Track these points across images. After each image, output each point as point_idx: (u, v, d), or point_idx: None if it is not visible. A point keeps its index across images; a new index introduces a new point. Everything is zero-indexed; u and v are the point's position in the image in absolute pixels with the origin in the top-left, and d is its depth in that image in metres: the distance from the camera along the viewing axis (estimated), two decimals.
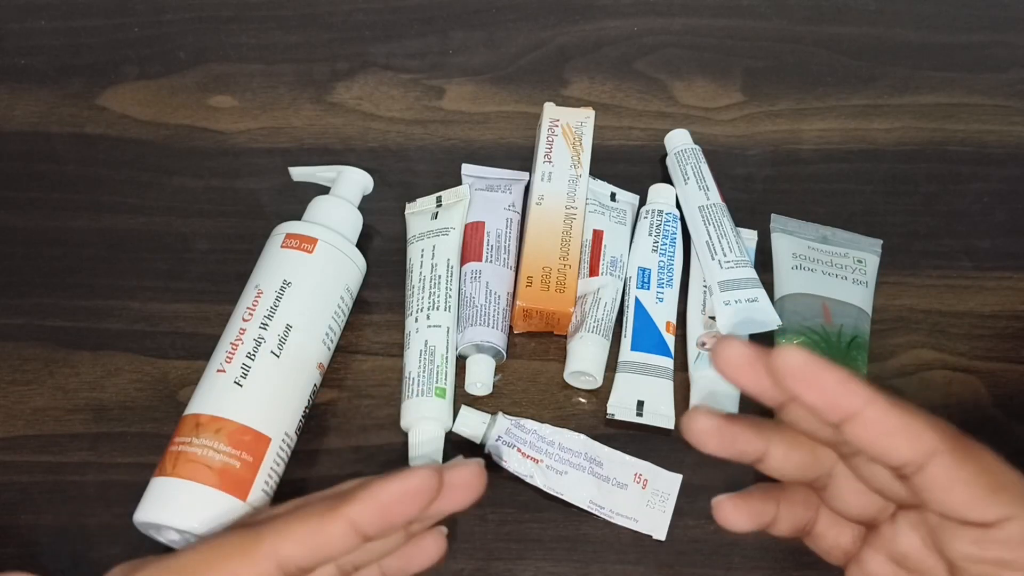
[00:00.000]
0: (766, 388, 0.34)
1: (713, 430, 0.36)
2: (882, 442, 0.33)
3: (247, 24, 0.69)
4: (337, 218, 0.56)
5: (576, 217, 0.58)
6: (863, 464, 0.36)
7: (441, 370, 0.54)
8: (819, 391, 0.33)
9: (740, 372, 0.34)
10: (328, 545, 0.36)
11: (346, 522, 0.36)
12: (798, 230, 0.60)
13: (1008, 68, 0.69)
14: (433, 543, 0.42)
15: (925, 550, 0.37)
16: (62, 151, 0.64)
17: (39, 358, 0.57)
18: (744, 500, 0.38)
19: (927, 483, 0.34)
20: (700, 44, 0.69)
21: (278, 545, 0.36)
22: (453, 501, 0.38)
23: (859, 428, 0.33)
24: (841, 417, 0.33)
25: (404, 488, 0.36)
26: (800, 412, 0.35)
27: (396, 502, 0.36)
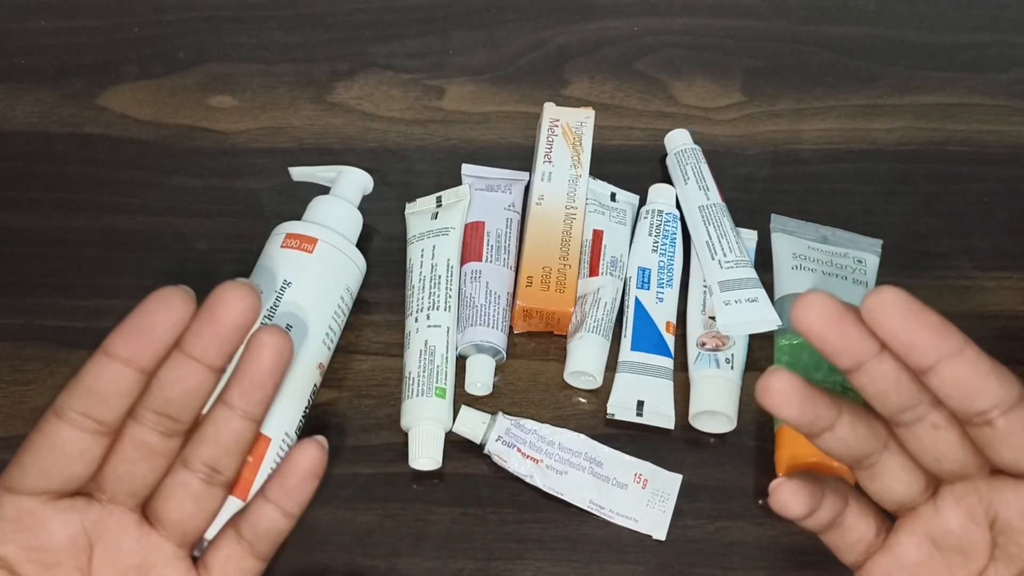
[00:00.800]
0: (850, 345, 0.33)
1: (796, 392, 0.34)
2: (978, 383, 0.33)
3: (247, 24, 0.69)
4: (337, 218, 0.56)
5: (576, 217, 0.58)
6: (924, 432, 0.35)
7: (441, 370, 0.54)
8: (920, 330, 0.32)
9: (827, 326, 0.33)
10: (89, 378, 0.35)
11: (100, 352, 0.35)
12: (798, 230, 0.60)
13: (1008, 68, 0.69)
14: (304, 449, 0.39)
15: (971, 523, 0.37)
16: (62, 151, 0.64)
17: (39, 358, 0.57)
18: (801, 484, 0.37)
19: (1010, 429, 0.34)
20: (700, 44, 0.69)
21: (54, 400, 0.37)
22: (218, 320, 0.35)
23: (955, 368, 0.33)
24: (938, 358, 0.32)
25: (148, 301, 0.35)
26: (878, 371, 0.34)
27: (138, 315, 0.35)
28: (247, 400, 0.37)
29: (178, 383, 0.36)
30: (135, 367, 0.35)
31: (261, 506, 0.39)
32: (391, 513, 0.53)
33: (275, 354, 0.36)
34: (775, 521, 0.53)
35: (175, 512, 0.39)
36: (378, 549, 0.52)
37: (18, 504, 0.36)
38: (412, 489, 0.53)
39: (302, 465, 0.39)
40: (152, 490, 0.39)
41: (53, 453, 0.36)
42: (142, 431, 0.37)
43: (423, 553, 0.52)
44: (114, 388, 0.35)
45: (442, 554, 0.52)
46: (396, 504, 0.53)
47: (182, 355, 0.36)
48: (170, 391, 0.36)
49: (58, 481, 0.36)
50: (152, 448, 0.37)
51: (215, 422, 0.38)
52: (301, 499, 0.39)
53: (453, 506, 0.53)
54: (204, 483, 0.39)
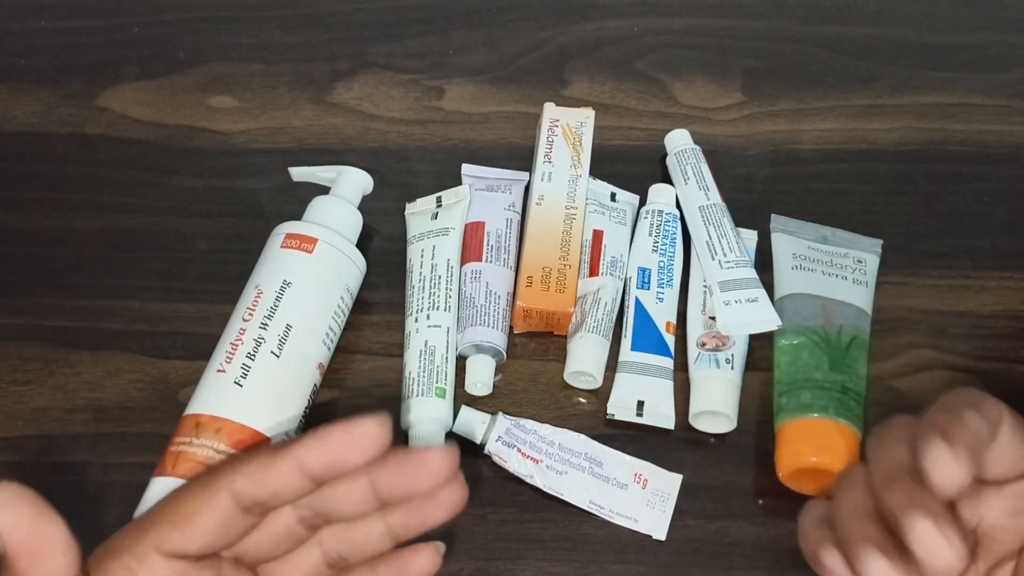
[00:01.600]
0: None
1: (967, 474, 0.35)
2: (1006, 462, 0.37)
3: (247, 24, 0.69)
4: (337, 218, 0.56)
5: (576, 217, 0.58)
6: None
7: (441, 370, 0.54)
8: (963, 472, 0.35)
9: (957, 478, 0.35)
10: (274, 478, 0.37)
11: (292, 458, 0.37)
12: (798, 230, 0.60)
13: (1008, 68, 0.68)
14: (426, 554, 0.42)
15: None
16: (62, 151, 0.64)
17: (39, 358, 0.57)
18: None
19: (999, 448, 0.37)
20: (700, 44, 0.69)
21: (231, 478, 0.38)
22: (418, 480, 0.38)
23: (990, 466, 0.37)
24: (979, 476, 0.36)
25: (348, 430, 0.37)
26: None
27: (339, 442, 0.36)
28: (406, 532, 0.40)
29: (350, 504, 0.39)
30: (319, 483, 0.37)
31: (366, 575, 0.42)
32: None
33: (451, 510, 0.40)
34: (775, 521, 0.53)
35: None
36: None
37: (169, 567, 0.37)
38: None
39: (420, 569, 0.42)
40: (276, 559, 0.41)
41: (221, 528, 0.38)
42: (295, 521, 0.39)
43: None
44: (294, 495, 0.38)
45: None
46: None
47: (365, 481, 0.38)
48: (337, 505, 0.39)
49: (213, 550, 0.38)
50: (294, 534, 0.40)
51: (367, 530, 0.40)
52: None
53: None
54: (328, 566, 0.41)
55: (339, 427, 0.37)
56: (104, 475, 0.53)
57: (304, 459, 0.37)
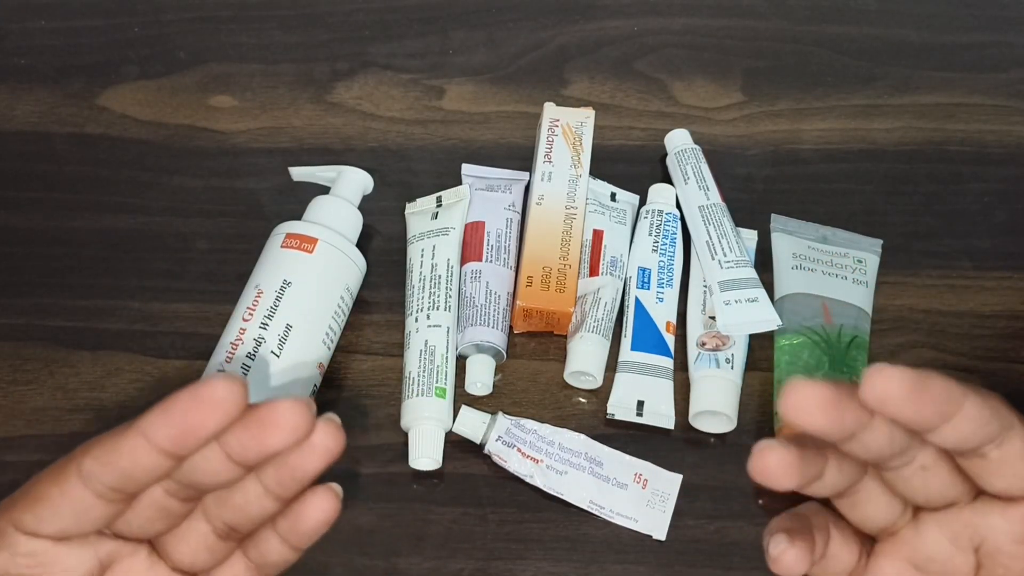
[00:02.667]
0: (846, 426, 0.33)
1: (791, 463, 0.34)
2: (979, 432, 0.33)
3: (247, 24, 0.69)
4: (337, 218, 0.56)
5: (576, 217, 0.58)
6: (912, 474, 0.35)
7: (441, 370, 0.54)
8: (928, 404, 0.32)
9: (825, 418, 0.32)
10: (122, 457, 0.35)
11: (137, 433, 0.34)
12: (798, 230, 0.60)
13: (1008, 68, 0.68)
14: (320, 497, 0.38)
15: (954, 548, 0.37)
16: (62, 151, 0.64)
17: (39, 358, 0.57)
18: (802, 544, 0.37)
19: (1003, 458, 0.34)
20: (700, 44, 0.69)
21: (81, 460, 0.36)
22: (264, 440, 0.34)
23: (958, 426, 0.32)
24: (943, 421, 0.32)
25: (192, 395, 0.33)
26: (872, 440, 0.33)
27: (184, 410, 0.33)
28: (283, 488, 0.37)
29: (210, 474, 0.36)
30: (172, 457, 0.35)
31: (271, 537, 0.40)
32: (391, 513, 0.53)
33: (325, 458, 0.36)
34: None
35: (188, 556, 0.39)
36: (377, 549, 0.52)
37: (31, 544, 0.37)
38: (412, 489, 0.53)
39: (315, 515, 0.39)
40: (162, 534, 0.39)
41: (74, 514, 0.36)
42: (163, 496, 0.37)
43: (423, 553, 0.52)
44: (146, 473, 0.35)
45: (442, 554, 0.52)
46: (396, 504, 0.53)
47: (221, 452, 0.35)
48: (199, 476, 0.36)
49: (73, 534, 0.37)
50: (169, 511, 0.38)
51: (245, 494, 0.38)
52: (311, 540, 0.40)
53: (453, 506, 0.53)
54: (219, 538, 0.39)
55: (184, 393, 0.33)
56: None
57: (149, 433, 0.34)
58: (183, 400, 0.33)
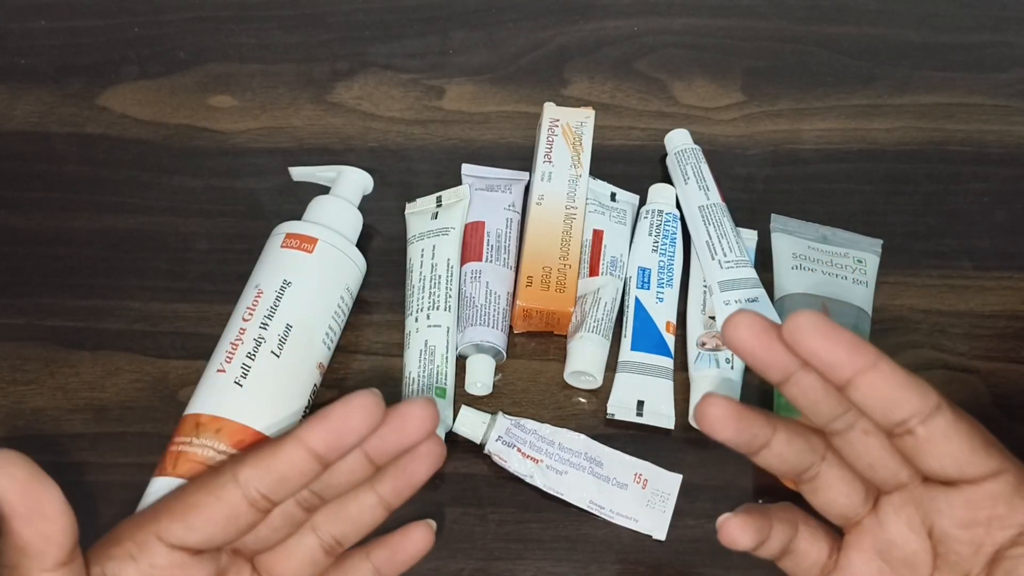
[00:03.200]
0: (776, 359, 0.35)
1: (731, 416, 0.36)
2: (894, 394, 0.34)
3: (247, 24, 0.69)
4: (337, 218, 0.56)
5: (576, 217, 0.58)
6: (856, 439, 0.37)
7: (441, 370, 0.54)
8: (834, 347, 0.34)
9: (754, 343, 0.35)
10: (280, 463, 0.37)
11: (296, 440, 0.37)
12: (798, 230, 0.60)
13: (1008, 68, 0.69)
14: (419, 532, 0.43)
15: (911, 533, 0.38)
16: (62, 151, 0.64)
17: (39, 358, 0.57)
18: (748, 517, 0.39)
19: (929, 436, 0.35)
20: (700, 44, 0.69)
21: (237, 469, 0.38)
22: (404, 433, 0.38)
23: (871, 382, 0.34)
24: (853, 373, 0.34)
25: (346, 404, 0.37)
26: (806, 383, 0.36)
27: (340, 417, 0.37)
28: (397, 497, 0.41)
29: (347, 475, 0.39)
30: (323, 462, 0.38)
31: (362, 565, 0.43)
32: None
33: (436, 464, 0.40)
34: None
35: (292, 570, 0.41)
36: None
37: (170, 556, 0.38)
38: None
39: (415, 547, 0.43)
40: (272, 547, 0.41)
41: (225, 522, 0.38)
42: (292, 504, 0.40)
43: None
44: (300, 478, 0.38)
45: (442, 554, 0.52)
46: None
47: (359, 451, 0.39)
48: (336, 480, 0.39)
49: (217, 544, 0.39)
50: (294, 519, 0.40)
51: (359, 503, 0.41)
52: (403, 572, 0.43)
53: (453, 506, 0.53)
54: (325, 552, 0.41)
55: (337, 404, 0.37)
56: (104, 475, 0.53)
57: (308, 440, 0.37)
58: (337, 409, 0.37)
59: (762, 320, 0.35)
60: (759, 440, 0.37)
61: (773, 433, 0.38)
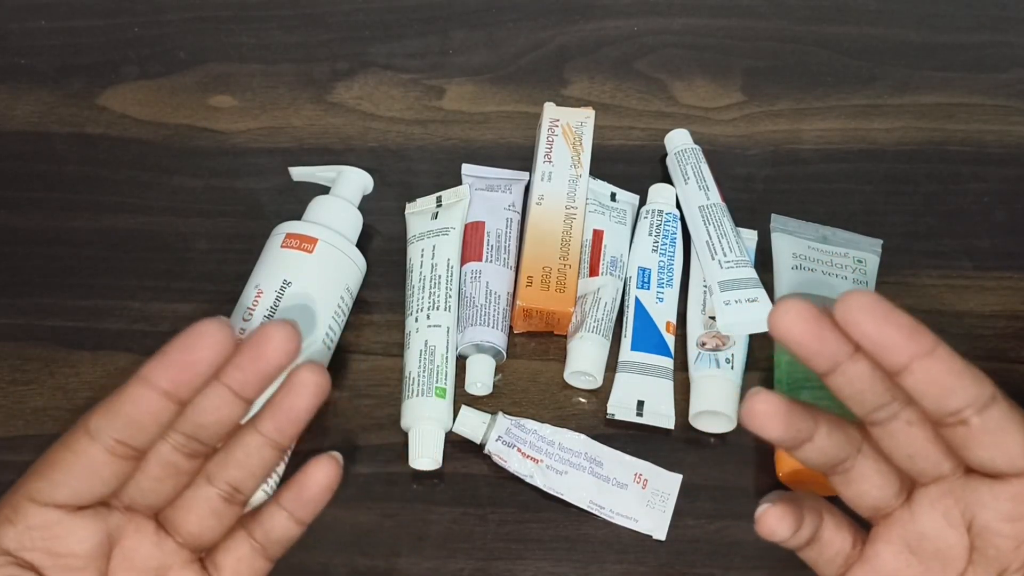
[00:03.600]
0: (827, 349, 0.34)
1: (781, 413, 0.35)
2: (951, 382, 0.33)
3: (247, 24, 0.69)
4: (337, 218, 0.56)
5: (576, 217, 0.58)
6: (898, 430, 0.36)
7: (441, 370, 0.54)
8: (892, 331, 0.33)
9: (805, 331, 0.33)
10: (127, 407, 0.36)
11: (139, 380, 0.36)
12: (798, 230, 0.60)
13: (1008, 68, 0.69)
14: (320, 465, 0.40)
15: (947, 526, 0.37)
16: (62, 151, 0.64)
17: (39, 358, 0.57)
18: (785, 507, 0.38)
19: (984, 427, 0.34)
20: (700, 44, 0.69)
21: (87, 419, 0.37)
22: (263, 358, 0.36)
23: (928, 368, 0.33)
24: (910, 358, 0.33)
25: (188, 334, 0.36)
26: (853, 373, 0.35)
27: (181, 349, 0.36)
28: (281, 433, 0.39)
29: (213, 412, 0.37)
30: (174, 399, 0.36)
31: (275, 513, 0.41)
32: (391, 513, 0.53)
33: (315, 394, 0.38)
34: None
35: (195, 525, 0.40)
36: (378, 549, 0.52)
37: (44, 515, 0.37)
38: (412, 489, 0.53)
39: (318, 481, 0.40)
40: (170, 502, 0.40)
41: (85, 473, 0.37)
42: (169, 452, 0.38)
43: (423, 553, 0.52)
44: (152, 419, 0.36)
45: (442, 554, 0.52)
46: (396, 504, 0.53)
47: (220, 386, 0.37)
48: (204, 418, 0.38)
49: (87, 498, 0.38)
50: (177, 468, 0.39)
51: (245, 447, 0.39)
52: (315, 510, 0.41)
53: (453, 506, 0.53)
54: (225, 501, 0.40)
55: (179, 335, 0.36)
56: None
57: (151, 378, 0.36)
58: (177, 342, 0.36)
59: (812, 307, 0.34)
60: (803, 435, 0.36)
61: (816, 427, 0.36)
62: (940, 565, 0.37)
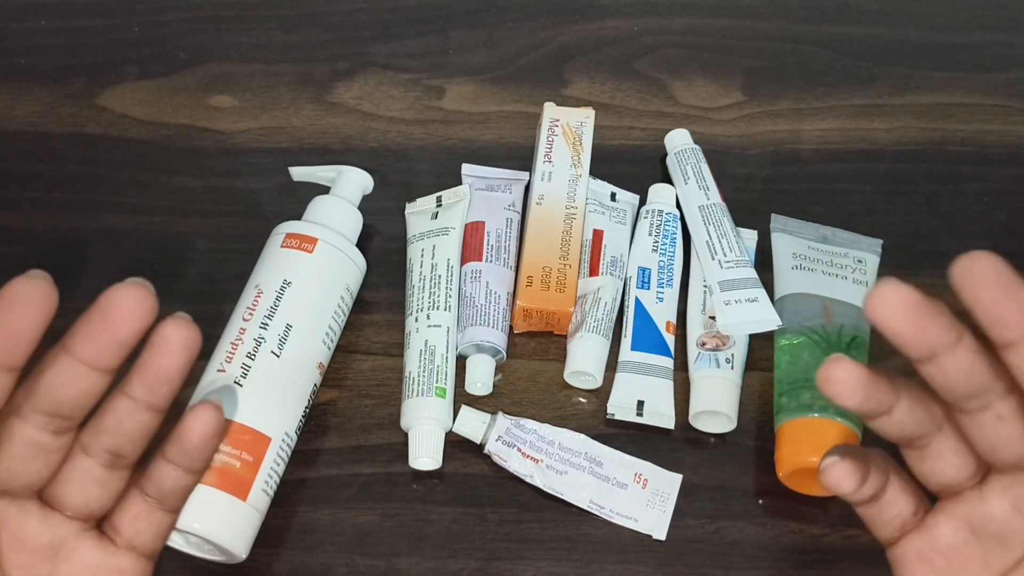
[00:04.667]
0: (926, 339, 0.33)
1: (861, 382, 0.34)
2: None
3: (247, 24, 0.69)
4: (337, 218, 0.56)
5: (576, 217, 0.58)
6: (987, 422, 0.35)
7: (441, 370, 0.54)
8: (1013, 303, 0.32)
9: (906, 320, 0.32)
10: None
11: None
12: (798, 230, 0.60)
13: (1008, 68, 0.69)
14: (199, 410, 0.38)
15: (1015, 513, 0.37)
16: (62, 151, 0.64)
17: (39, 358, 0.57)
18: (852, 462, 0.37)
19: None
20: (700, 44, 0.69)
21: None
22: (111, 325, 0.34)
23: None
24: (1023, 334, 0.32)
25: (9, 290, 0.34)
26: (949, 363, 0.34)
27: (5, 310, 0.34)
28: (153, 394, 0.36)
29: (71, 386, 0.35)
30: (9, 369, 0.35)
31: (162, 466, 0.39)
32: (391, 513, 0.53)
33: (183, 349, 0.35)
34: (775, 521, 0.53)
35: (79, 496, 0.38)
36: (378, 549, 0.52)
37: None
38: (412, 489, 0.53)
39: (197, 430, 0.38)
40: (49, 479, 0.38)
41: None
42: (32, 431, 0.36)
43: (423, 553, 0.52)
44: None
45: (442, 554, 0.52)
46: (396, 504, 0.53)
47: (72, 359, 0.35)
48: (61, 394, 0.35)
49: None
50: (44, 446, 0.37)
51: (116, 413, 0.37)
52: (204, 458, 0.39)
53: (453, 506, 0.53)
54: (107, 468, 0.38)
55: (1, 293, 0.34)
56: None
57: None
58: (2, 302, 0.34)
59: (914, 293, 0.32)
60: (882, 408, 0.35)
61: (897, 400, 0.35)
62: (1000, 548, 0.37)
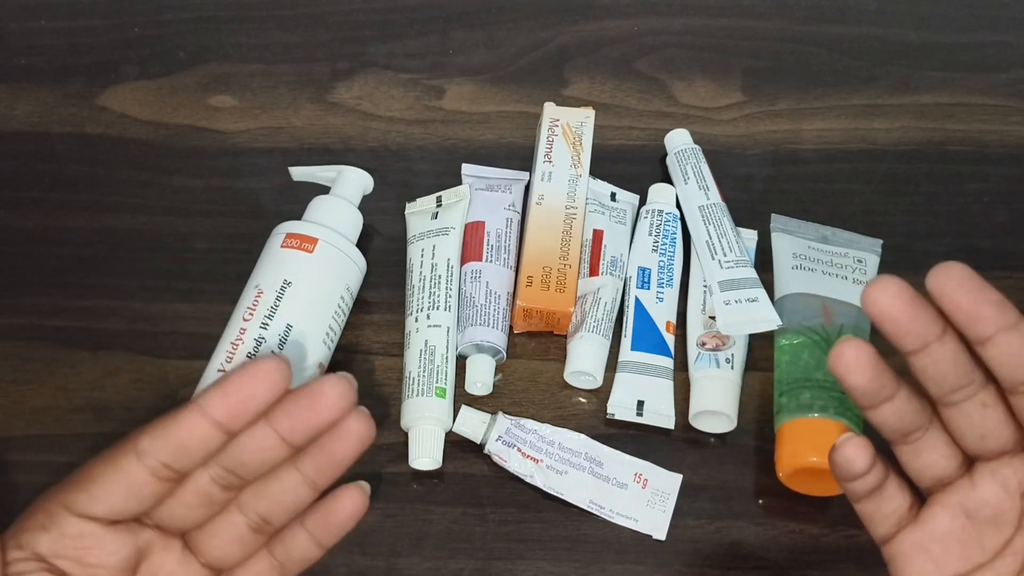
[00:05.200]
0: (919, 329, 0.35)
1: (870, 362, 0.36)
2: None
3: (247, 24, 0.69)
4: (337, 218, 0.56)
5: (576, 217, 0.58)
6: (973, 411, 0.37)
7: (441, 370, 0.54)
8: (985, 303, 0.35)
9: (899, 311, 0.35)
10: (180, 432, 0.37)
11: (195, 408, 0.36)
12: (798, 230, 0.60)
13: (1008, 68, 0.69)
14: (350, 493, 0.41)
15: (1004, 494, 0.38)
16: (62, 151, 0.64)
17: (39, 358, 0.57)
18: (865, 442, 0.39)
19: None
20: (700, 44, 0.69)
21: (137, 438, 0.37)
22: (314, 412, 0.37)
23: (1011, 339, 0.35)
24: (997, 329, 0.35)
25: (246, 369, 0.36)
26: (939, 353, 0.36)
27: (240, 384, 0.36)
28: (320, 475, 0.39)
29: (257, 452, 0.38)
30: (226, 431, 0.37)
31: (298, 533, 0.41)
32: (391, 513, 0.53)
33: (361, 443, 0.38)
34: (775, 521, 0.53)
35: (220, 550, 0.41)
36: (378, 549, 0.52)
37: (79, 525, 0.38)
38: (412, 489, 0.53)
39: (346, 508, 0.41)
40: (200, 525, 0.40)
41: (126, 491, 0.38)
42: (207, 482, 0.39)
43: (423, 553, 0.52)
44: (201, 447, 0.37)
45: (442, 554, 0.52)
46: (396, 504, 0.53)
47: (269, 428, 0.37)
48: (247, 456, 0.38)
49: (123, 514, 0.38)
50: (211, 497, 0.39)
51: (281, 483, 0.40)
52: (338, 536, 0.41)
53: (453, 506, 0.53)
54: (252, 531, 0.40)
55: (238, 370, 0.36)
56: None
57: (207, 408, 0.36)
58: (236, 375, 0.36)
59: (908, 287, 0.35)
60: (886, 393, 0.37)
61: (898, 389, 0.37)
62: (993, 529, 0.39)
